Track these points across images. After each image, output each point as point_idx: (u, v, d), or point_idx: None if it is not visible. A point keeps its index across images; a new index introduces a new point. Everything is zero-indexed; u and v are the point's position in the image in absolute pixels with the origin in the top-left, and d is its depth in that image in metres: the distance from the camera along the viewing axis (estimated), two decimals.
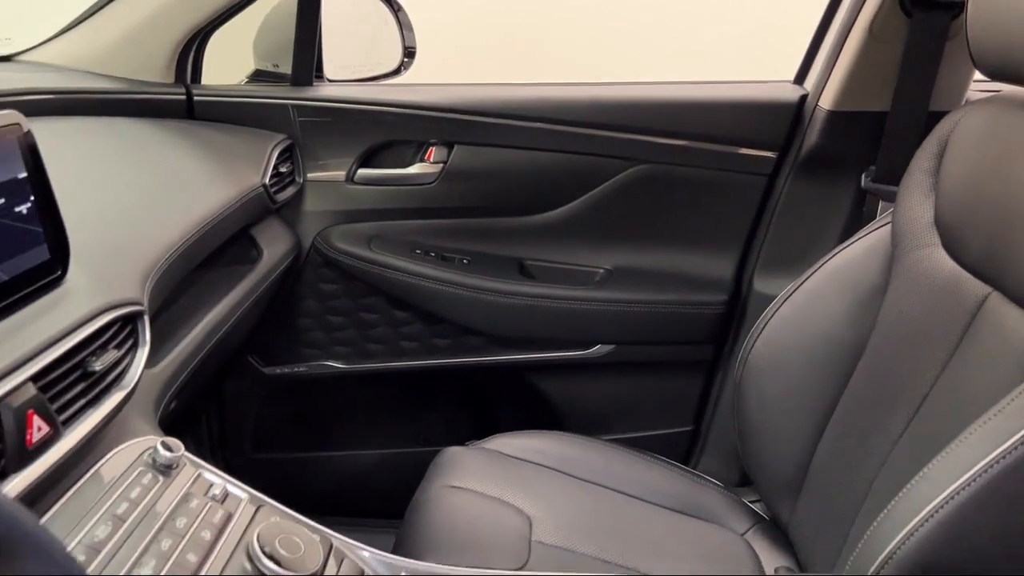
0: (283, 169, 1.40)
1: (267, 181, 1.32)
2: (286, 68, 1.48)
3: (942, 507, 0.78)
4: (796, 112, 1.43)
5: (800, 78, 1.47)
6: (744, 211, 1.50)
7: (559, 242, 1.54)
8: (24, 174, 0.72)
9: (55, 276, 0.76)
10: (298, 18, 1.43)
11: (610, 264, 1.55)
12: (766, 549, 1.19)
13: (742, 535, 1.21)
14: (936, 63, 1.28)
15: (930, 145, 1.08)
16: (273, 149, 1.38)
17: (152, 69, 1.39)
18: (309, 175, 1.48)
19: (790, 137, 1.44)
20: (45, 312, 0.72)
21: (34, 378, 0.66)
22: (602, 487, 1.25)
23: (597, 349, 1.54)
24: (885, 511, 0.84)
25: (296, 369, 1.56)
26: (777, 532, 1.22)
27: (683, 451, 1.61)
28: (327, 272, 1.51)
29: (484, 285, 1.50)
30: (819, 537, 1.11)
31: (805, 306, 1.19)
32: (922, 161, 1.08)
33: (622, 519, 1.20)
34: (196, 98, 1.41)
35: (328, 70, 1.53)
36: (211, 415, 1.58)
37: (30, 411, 0.64)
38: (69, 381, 0.71)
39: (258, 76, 1.54)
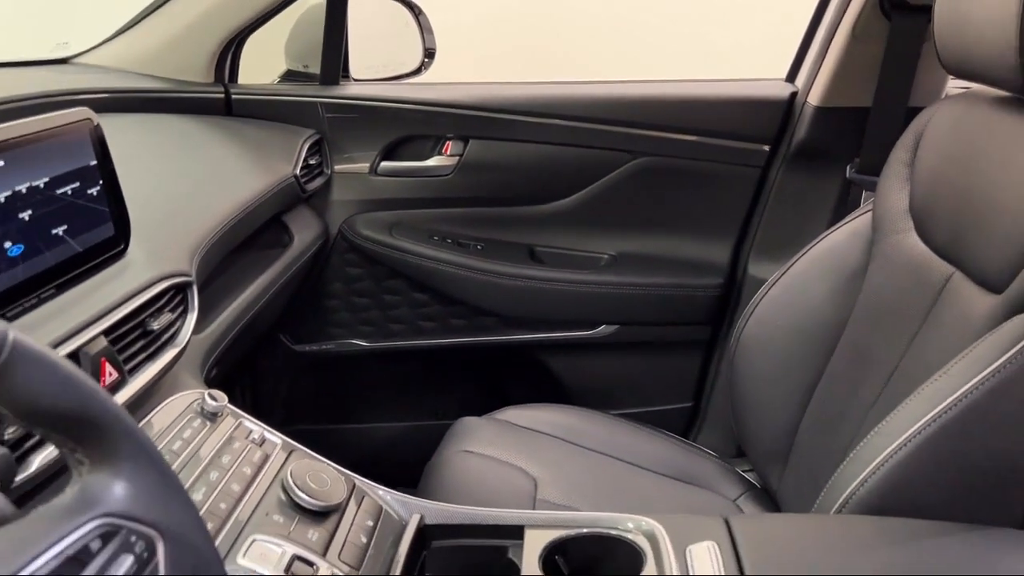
0: (312, 161, 1.52)
1: (298, 172, 1.44)
2: (315, 68, 1.59)
3: (890, 458, 0.88)
4: (787, 108, 1.52)
5: (791, 76, 1.55)
6: (739, 200, 1.59)
7: (566, 229, 1.63)
8: (94, 162, 0.85)
9: (119, 249, 0.88)
10: (326, 22, 1.54)
11: (614, 250, 1.64)
12: (754, 513, 1.25)
13: (733, 500, 1.27)
14: (914, 63, 1.36)
15: (907, 138, 1.16)
16: (303, 143, 1.49)
17: (194, 70, 1.51)
18: (336, 167, 1.59)
19: (781, 131, 1.53)
20: (111, 279, 0.85)
21: (105, 332, 0.78)
22: (604, 455, 1.33)
23: (602, 329, 1.63)
24: (845, 461, 0.94)
25: (323, 347, 1.68)
26: (766, 498, 1.28)
27: (683, 426, 1.70)
28: (352, 257, 1.62)
29: (497, 269, 1.60)
30: (800, 500, 1.19)
31: (792, 288, 1.27)
32: (900, 153, 1.16)
33: (620, 483, 1.29)
34: (234, 96, 1.53)
35: (354, 70, 1.64)
36: (245, 389, 1.69)
37: (103, 359, 0.77)
38: (132, 337, 0.83)
39: (289, 76, 1.65)
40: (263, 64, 1.63)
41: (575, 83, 1.60)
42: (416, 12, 1.66)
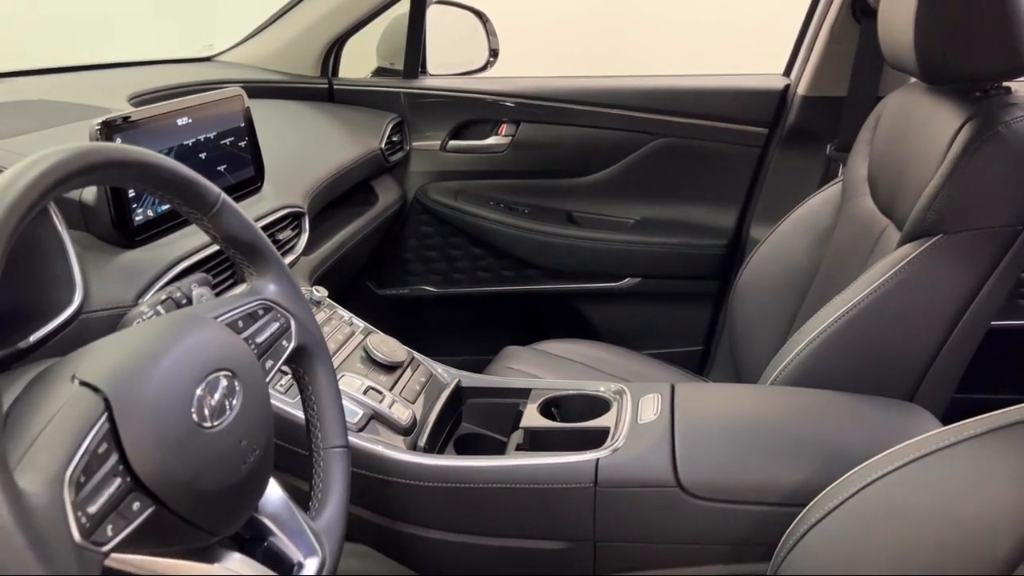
0: (395, 138, 1.89)
1: (383, 146, 1.82)
2: (399, 65, 1.96)
3: (807, 347, 1.18)
4: (781, 97, 1.80)
5: (787, 70, 1.85)
6: (742, 174, 1.87)
7: (598, 198, 1.95)
8: (243, 124, 1.24)
9: (257, 186, 1.28)
10: (408, 28, 1.91)
11: (637, 215, 1.95)
12: None
13: None
14: (880, 59, 1.63)
15: (870, 121, 1.45)
16: (388, 124, 1.87)
17: (305, 66, 1.91)
18: (413, 144, 1.96)
19: (777, 117, 1.81)
20: (252, 205, 1.24)
21: None
22: (621, 379, 1.57)
23: (627, 281, 1.94)
24: (778, 352, 1.24)
25: (400, 291, 2.05)
26: None
27: (695, 366, 1.99)
28: (425, 217, 1.99)
29: (541, 229, 1.92)
30: None
31: (778, 244, 1.56)
32: (864, 133, 1.45)
33: None
34: (335, 87, 1.93)
35: (430, 67, 2.00)
36: None
37: None
38: None
39: (379, 71, 2.03)
40: (356, 63, 2.02)
41: (606, 77, 1.92)
42: (483, 19, 2.00)
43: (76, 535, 0.54)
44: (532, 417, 1.14)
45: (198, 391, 0.65)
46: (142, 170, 0.70)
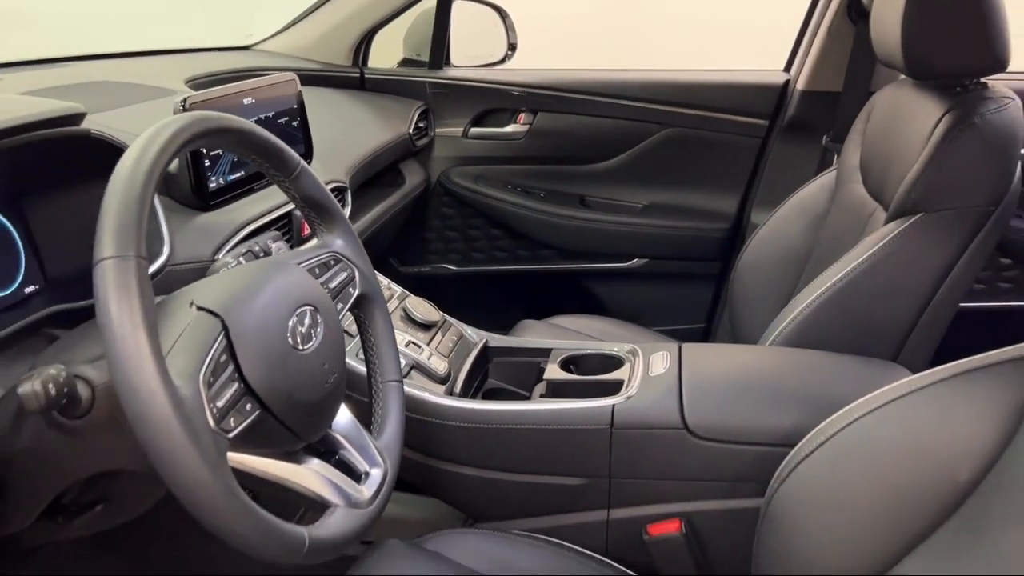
0: (421, 125, 2.03)
1: (410, 131, 1.95)
2: (425, 57, 2.09)
3: (801, 314, 1.31)
4: (781, 91, 1.94)
5: (787, 66, 1.98)
6: (745, 163, 2.00)
7: (609, 183, 2.08)
8: (296, 105, 1.38)
9: (306, 161, 1.41)
10: (435, 22, 2.04)
11: (646, 200, 2.08)
12: None
13: None
14: (873, 57, 1.76)
15: (863, 114, 1.58)
16: (415, 111, 2.00)
17: (338, 56, 2.05)
18: (437, 130, 2.09)
19: (777, 109, 1.95)
20: None
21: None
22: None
23: (635, 262, 2.08)
24: (775, 319, 1.37)
25: (422, 269, 2.18)
26: None
27: (697, 341, 2.12)
28: (447, 200, 2.12)
29: (555, 212, 2.06)
30: None
31: (776, 228, 1.68)
32: (858, 125, 1.58)
33: None
34: (366, 76, 2.06)
35: (454, 58, 2.13)
36: None
37: (303, 220, 1.29)
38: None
39: (405, 62, 2.16)
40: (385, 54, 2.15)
41: (619, 71, 2.05)
42: (503, 14, 2.12)
43: (211, 422, 0.68)
44: (553, 372, 1.28)
45: (291, 320, 0.79)
46: (243, 137, 0.84)
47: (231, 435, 0.70)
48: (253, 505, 0.68)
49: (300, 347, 0.79)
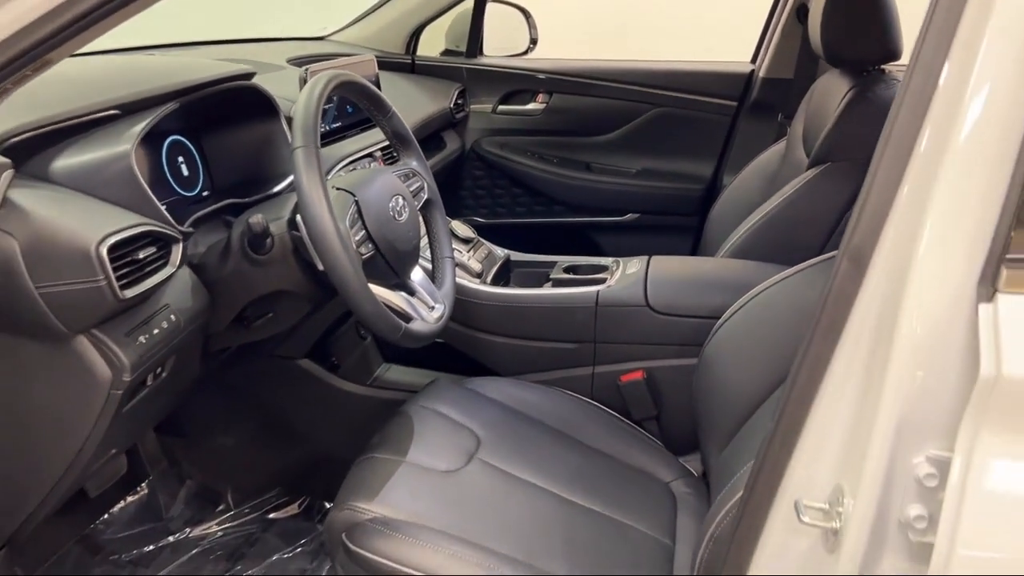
0: (459, 102, 2.50)
1: (450, 107, 2.43)
2: (463, 48, 2.57)
3: (740, 236, 1.80)
4: (748, 78, 2.40)
5: (754, 58, 2.45)
6: (718, 136, 2.45)
7: (609, 152, 2.53)
8: (374, 79, 1.88)
9: None
10: (472, 19, 2.53)
11: (638, 166, 2.53)
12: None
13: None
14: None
15: (807, 96, 2.04)
16: (454, 91, 2.48)
17: (394, 46, 2.54)
18: (472, 107, 2.57)
19: (744, 93, 2.41)
20: (378, 133, 1.88)
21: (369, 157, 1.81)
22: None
23: (629, 216, 2.52)
24: (725, 240, 1.86)
25: (453, 221, 2.66)
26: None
27: None
28: (478, 164, 2.59)
29: (566, 174, 2.52)
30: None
31: (739, 187, 2.12)
32: (803, 104, 2.04)
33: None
34: (416, 62, 2.55)
35: (486, 49, 2.61)
36: None
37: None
38: None
39: (447, 52, 2.64)
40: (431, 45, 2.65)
41: (619, 60, 2.52)
42: (526, 14, 2.60)
43: (353, 246, 1.18)
44: (558, 272, 1.77)
45: (391, 201, 1.29)
46: (362, 88, 1.34)
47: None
48: (376, 298, 1.18)
49: (397, 218, 1.29)
